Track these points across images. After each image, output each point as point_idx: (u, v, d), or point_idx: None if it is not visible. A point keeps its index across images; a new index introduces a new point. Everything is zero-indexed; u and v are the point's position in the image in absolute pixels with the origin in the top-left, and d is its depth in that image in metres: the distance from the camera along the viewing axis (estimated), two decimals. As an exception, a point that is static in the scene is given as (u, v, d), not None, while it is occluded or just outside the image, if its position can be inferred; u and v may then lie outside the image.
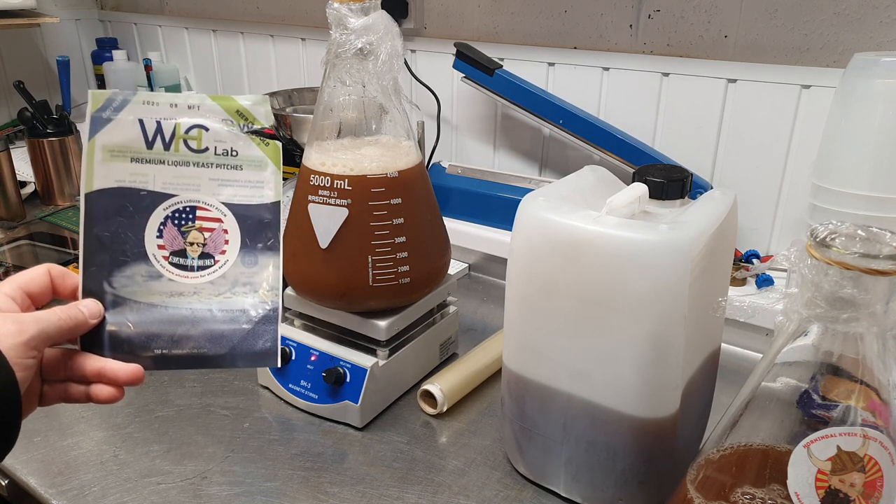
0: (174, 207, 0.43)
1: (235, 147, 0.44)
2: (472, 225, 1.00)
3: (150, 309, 0.42)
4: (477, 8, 1.06)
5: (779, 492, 0.37)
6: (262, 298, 0.43)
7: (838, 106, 0.70)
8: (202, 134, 0.43)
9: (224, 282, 0.43)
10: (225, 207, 0.43)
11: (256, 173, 0.44)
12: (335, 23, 0.61)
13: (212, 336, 0.42)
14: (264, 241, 0.44)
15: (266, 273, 0.43)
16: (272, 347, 0.42)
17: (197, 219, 0.43)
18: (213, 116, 0.43)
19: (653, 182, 0.54)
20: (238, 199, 0.44)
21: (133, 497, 0.58)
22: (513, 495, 0.59)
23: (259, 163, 0.44)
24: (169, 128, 0.43)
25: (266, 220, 0.44)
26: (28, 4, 1.34)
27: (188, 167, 0.43)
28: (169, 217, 0.43)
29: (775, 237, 0.88)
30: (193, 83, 1.51)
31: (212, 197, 0.43)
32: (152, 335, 0.42)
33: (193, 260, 0.43)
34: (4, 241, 1.10)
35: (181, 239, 0.43)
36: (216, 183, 0.44)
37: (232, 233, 0.43)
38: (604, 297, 0.49)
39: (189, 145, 0.43)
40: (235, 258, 0.43)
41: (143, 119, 0.43)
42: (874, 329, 0.35)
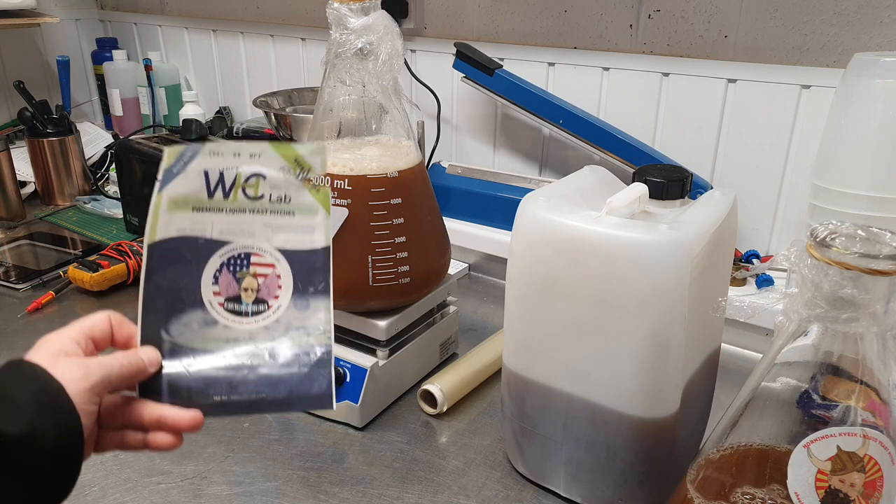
0: (230, 254, 0.44)
1: (289, 193, 0.44)
2: (472, 225, 1.00)
3: (207, 355, 0.42)
4: (477, 8, 1.06)
5: (779, 492, 0.37)
6: (316, 342, 0.43)
7: (838, 106, 0.70)
8: (259, 181, 0.44)
9: (278, 326, 0.43)
10: (278, 253, 0.44)
11: (308, 218, 0.45)
12: (335, 23, 0.61)
13: (269, 381, 0.42)
14: (315, 286, 0.44)
15: (318, 316, 0.44)
16: (327, 390, 0.42)
17: (251, 265, 0.44)
18: (272, 164, 0.44)
19: (653, 182, 0.54)
20: (291, 245, 0.44)
21: (133, 497, 0.58)
22: (513, 495, 0.59)
23: (311, 208, 0.45)
24: (230, 177, 0.44)
25: (317, 265, 0.44)
26: (28, 4, 1.34)
27: (244, 214, 0.44)
28: (224, 264, 0.44)
29: (775, 237, 0.88)
30: (193, 83, 1.51)
31: (266, 243, 0.44)
32: (210, 381, 0.42)
33: (248, 305, 0.43)
34: (4, 241, 1.10)
35: (236, 285, 0.44)
36: (270, 229, 0.44)
37: (285, 278, 0.44)
38: (604, 297, 0.49)
39: (246, 192, 0.44)
40: (288, 303, 0.44)
41: (209, 170, 0.43)
42: (874, 329, 0.36)
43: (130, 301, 0.93)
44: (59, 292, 0.92)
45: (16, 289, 0.94)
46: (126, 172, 1.10)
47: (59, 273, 0.97)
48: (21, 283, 0.94)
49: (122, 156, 1.10)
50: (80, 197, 1.25)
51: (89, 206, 1.22)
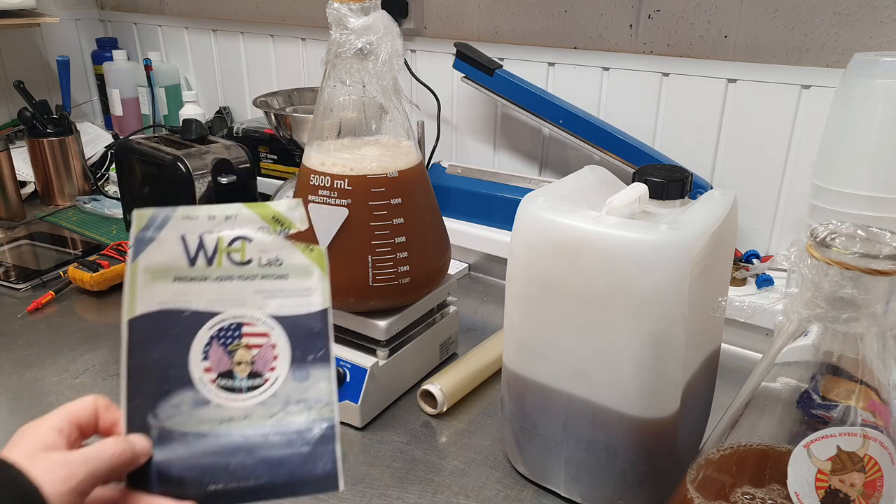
0: (219, 326, 0.40)
1: (280, 256, 0.42)
2: (472, 225, 1.00)
3: (200, 439, 0.39)
4: (477, 8, 1.06)
5: (779, 492, 0.37)
6: (318, 416, 0.40)
7: (838, 106, 0.70)
8: (245, 245, 0.41)
9: (276, 401, 0.40)
10: (272, 320, 0.41)
11: (303, 281, 0.41)
12: (335, 23, 0.61)
13: (269, 463, 0.39)
14: (315, 353, 0.41)
15: (320, 387, 0.40)
16: (332, 470, 0.39)
17: (243, 335, 0.40)
18: (251, 225, 0.42)
19: (653, 182, 0.54)
20: (285, 311, 0.41)
21: (133, 497, 0.58)
22: (513, 495, 0.59)
23: (305, 270, 0.42)
24: (211, 242, 0.41)
25: (316, 330, 0.41)
26: (28, 4, 1.34)
27: (232, 281, 0.41)
28: (214, 337, 0.40)
29: (775, 237, 0.88)
30: (193, 83, 1.51)
31: (258, 310, 0.41)
32: (205, 468, 0.39)
33: (242, 381, 0.40)
34: (4, 241, 1.10)
35: (228, 359, 0.40)
36: (262, 295, 0.41)
37: (281, 347, 0.41)
38: (604, 297, 0.49)
39: (232, 258, 0.41)
40: (286, 374, 0.40)
41: (186, 235, 0.41)
42: (874, 329, 0.36)
43: (130, 301, 0.93)
44: (59, 292, 0.92)
45: (16, 289, 0.94)
46: (126, 172, 1.10)
47: (59, 273, 0.97)
48: (21, 283, 0.94)
49: (122, 156, 1.10)
50: (80, 197, 1.25)
51: (89, 206, 1.22)
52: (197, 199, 1.02)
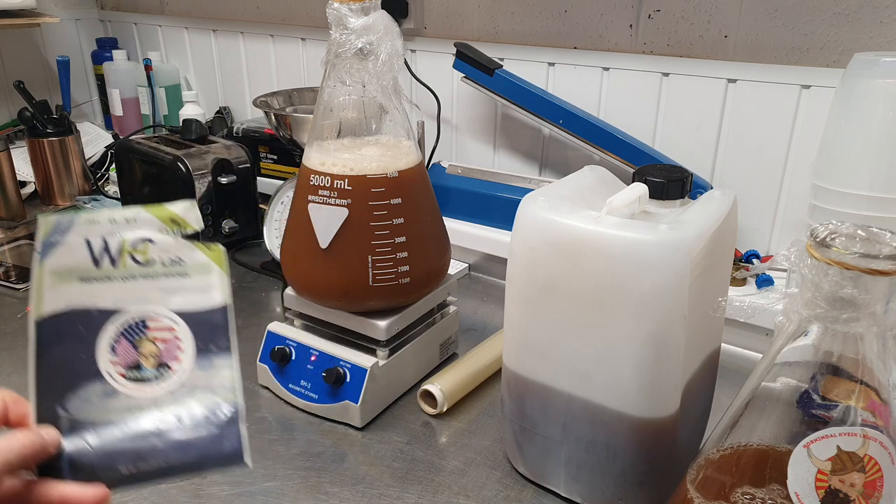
0: (125, 322, 0.43)
1: (181, 255, 0.44)
2: (472, 225, 1.00)
3: (110, 428, 0.41)
4: (477, 8, 1.06)
5: (779, 492, 0.37)
6: (224, 400, 0.43)
7: (838, 106, 0.70)
8: (148, 246, 0.44)
9: (183, 389, 0.43)
10: (176, 316, 0.44)
11: (203, 278, 0.45)
12: (335, 23, 0.61)
13: (178, 446, 0.42)
14: (218, 344, 0.44)
15: (223, 374, 0.43)
16: (238, 448, 0.42)
17: (149, 330, 0.43)
18: (151, 227, 0.44)
19: (653, 182, 0.54)
20: (188, 307, 0.44)
21: (133, 497, 0.58)
22: (513, 495, 0.59)
23: (205, 268, 0.45)
24: (115, 244, 0.43)
25: (217, 323, 0.44)
26: (28, 4, 1.34)
27: (136, 280, 0.44)
28: (121, 333, 0.43)
29: (775, 237, 0.88)
30: (193, 83, 1.51)
31: (162, 307, 0.44)
32: (115, 454, 0.41)
33: (149, 371, 0.43)
34: (4, 241, 1.10)
35: (135, 352, 0.43)
36: (164, 293, 0.44)
37: (185, 340, 0.43)
38: (604, 297, 0.49)
39: (136, 259, 0.44)
40: (192, 365, 0.43)
41: (90, 238, 0.43)
42: (874, 329, 0.35)
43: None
44: (59, 292, 0.92)
45: (16, 289, 0.94)
46: (126, 172, 1.10)
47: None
48: (21, 283, 0.95)
49: (122, 156, 1.10)
50: (80, 197, 1.25)
51: (89, 206, 1.22)
52: (197, 199, 1.02)
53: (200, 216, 0.45)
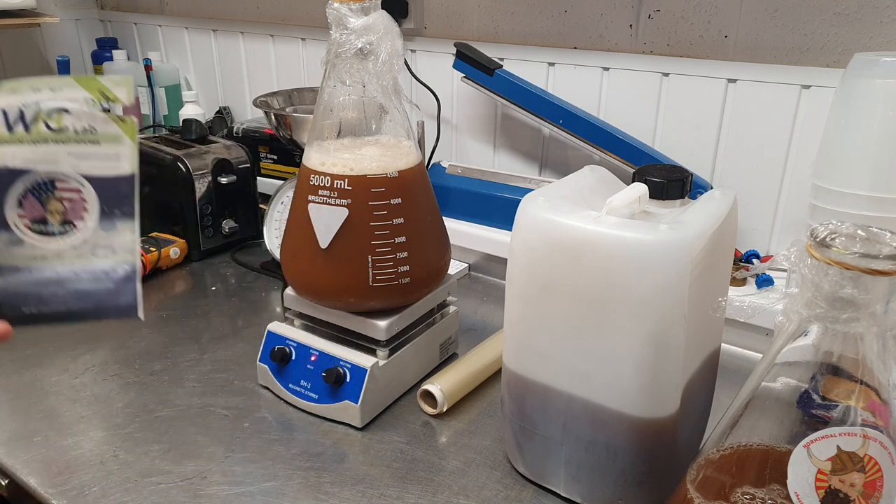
0: (34, 180, 0.47)
1: (94, 125, 0.48)
2: (472, 225, 1.00)
3: (14, 272, 0.46)
4: (477, 8, 1.06)
5: (779, 492, 0.37)
6: (123, 259, 0.47)
7: (838, 106, 0.70)
8: (62, 115, 0.47)
9: (85, 245, 0.47)
10: (84, 179, 0.47)
11: (114, 147, 0.48)
12: (335, 23, 0.61)
13: (77, 294, 0.46)
14: (122, 209, 0.48)
15: (125, 237, 0.48)
16: (133, 302, 0.47)
17: (57, 189, 0.47)
18: (75, 97, 0.47)
19: (653, 182, 0.54)
20: (96, 172, 0.48)
21: (133, 497, 0.58)
22: (513, 495, 0.59)
23: (116, 138, 0.48)
24: (30, 112, 0.47)
25: (123, 190, 0.48)
26: (28, 4, 1.34)
27: (47, 144, 0.47)
28: (29, 189, 0.47)
29: (775, 237, 0.88)
30: (193, 83, 1.51)
31: (71, 170, 0.47)
32: (19, 295, 0.46)
33: (55, 227, 0.47)
34: (4, 240, 1.10)
35: (41, 208, 0.47)
36: (75, 157, 0.47)
37: (91, 202, 0.47)
38: (604, 298, 0.49)
39: (49, 125, 0.47)
40: (95, 224, 0.47)
41: (6, 108, 0.47)
42: (874, 329, 0.35)
43: (130, 301, 0.93)
44: (59, 292, 0.92)
45: (16, 289, 0.94)
46: (126, 172, 1.10)
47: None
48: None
49: (122, 156, 1.10)
50: None
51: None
52: (197, 199, 1.02)
53: (132, 90, 0.48)
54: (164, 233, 1.05)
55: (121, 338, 0.83)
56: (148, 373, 0.76)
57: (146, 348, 0.81)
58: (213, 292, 0.96)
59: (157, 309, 0.91)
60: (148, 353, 0.80)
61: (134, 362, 0.78)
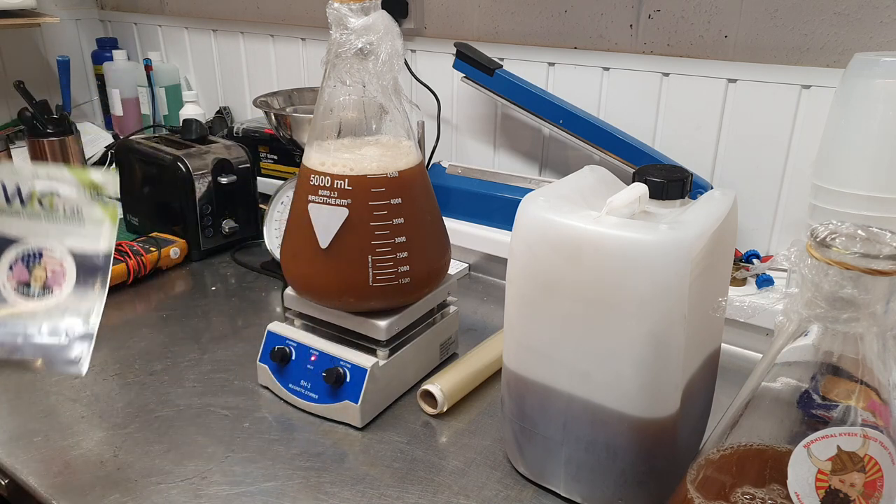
0: (25, 250, 0.55)
1: (80, 207, 0.56)
2: (472, 225, 1.00)
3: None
4: (477, 8, 1.06)
5: (779, 492, 0.37)
6: (83, 322, 0.55)
7: (838, 106, 0.70)
8: (54, 198, 0.56)
9: (57, 309, 0.55)
10: (67, 253, 0.56)
11: (96, 228, 0.56)
12: (335, 23, 0.61)
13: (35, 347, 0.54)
14: (94, 280, 0.55)
15: (91, 306, 0.55)
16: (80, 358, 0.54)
17: (43, 258, 0.55)
18: (67, 185, 0.56)
19: (653, 182, 0.54)
20: (78, 248, 0.56)
21: (133, 497, 0.58)
22: (513, 495, 0.59)
23: (99, 220, 0.56)
24: (27, 190, 0.56)
25: (98, 265, 0.56)
26: (28, 4, 1.34)
27: (40, 220, 0.56)
28: (20, 256, 0.55)
29: (775, 237, 0.88)
30: (193, 83, 1.51)
31: (57, 244, 0.56)
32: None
33: (35, 290, 0.55)
34: (4, 240, 1.10)
35: (27, 274, 0.55)
36: (62, 234, 0.56)
37: (69, 272, 0.55)
38: (604, 297, 0.49)
39: (42, 204, 0.56)
40: (70, 291, 0.55)
41: (6, 183, 0.56)
42: (874, 329, 0.35)
43: (130, 301, 0.93)
44: (59, 292, 0.92)
45: (16, 289, 0.94)
46: (126, 172, 1.10)
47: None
48: (21, 283, 0.94)
49: (122, 156, 1.10)
50: None
51: (89, 206, 1.22)
52: (197, 199, 1.02)
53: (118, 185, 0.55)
54: (164, 233, 1.05)
55: (121, 338, 0.83)
56: (148, 373, 0.76)
57: (146, 348, 0.81)
58: (213, 292, 0.96)
59: (157, 309, 0.91)
60: (148, 353, 0.80)
61: (134, 362, 0.78)
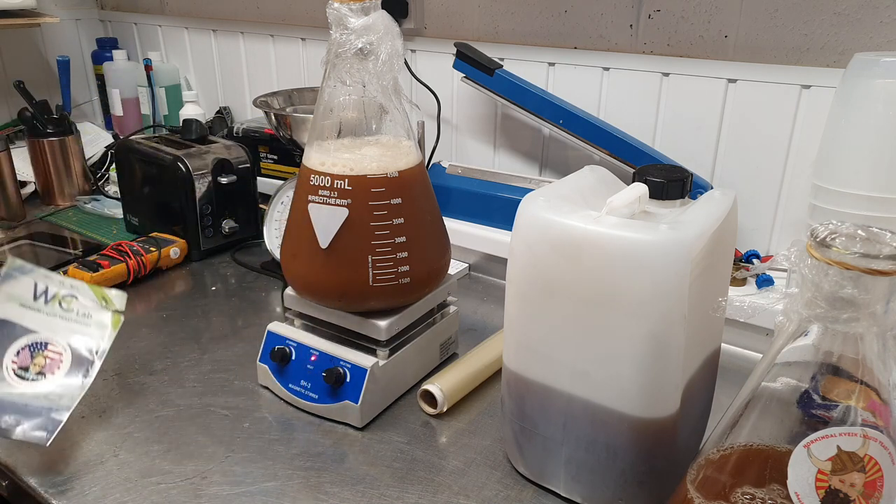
0: (34, 340, 0.64)
1: (92, 313, 0.67)
2: (472, 225, 1.00)
3: None
4: (477, 8, 1.06)
5: (779, 492, 0.37)
6: (65, 402, 0.61)
7: (838, 106, 0.70)
8: (73, 301, 0.67)
9: (45, 389, 0.62)
10: (69, 347, 0.64)
11: (99, 330, 0.66)
12: (335, 23, 0.61)
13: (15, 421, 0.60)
14: (84, 373, 0.64)
15: (74, 391, 0.62)
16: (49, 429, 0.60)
17: (46, 349, 0.63)
18: (85, 294, 0.67)
19: (653, 182, 0.54)
20: (79, 344, 0.65)
21: (133, 497, 0.58)
22: (513, 495, 0.59)
23: (104, 324, 0.66)
24: (52, 292, 0.66)
25: (91, 361, 0.64)
26: (28, 4, 1.34)
27: (55, 318, 0.65)
28: (28, 344, 0.63)
29: (775, 237, 0.88)
30: (193, 83, 1.51)
31: (63, 339, 0.64)
32: None
33: (31, 374, 0.62)
34: (4, 240, 1.10)
35: (30, 360, 0.63)
36: (69, 331, 0.65)
37: (65, 363, 0.63)
38: (604, 297, 0.49)
39: (61, 305, 0.66)
40: (62, 378, 0.63)
41: (38, 283, 0.66)
42: (874, 329, 0.35)
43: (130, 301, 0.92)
44: (59, 292, 0.92)
45: (16, 289, 0.94)
46: (126, 172, 1.10)
47: (59, 273, 0.97)
48: (21, 283, 0.94)
49: (122, 156, 1.10)
50: (80, 197, 1.25)
51: (89, 207, 1.22)
52: (197, 199, 1.02)
53: (125, 302, 0.69)
54: (164, 233, 1.05)
55: (121, 338, 0.83)
56: (148, 373, 0.76)
57: (146, 348, 0.81)
58: (213, 292, 0.96)
59: (157, 309, 0.91)
60: (148, 353, 0.80)
61: (134, 362, 0.78)
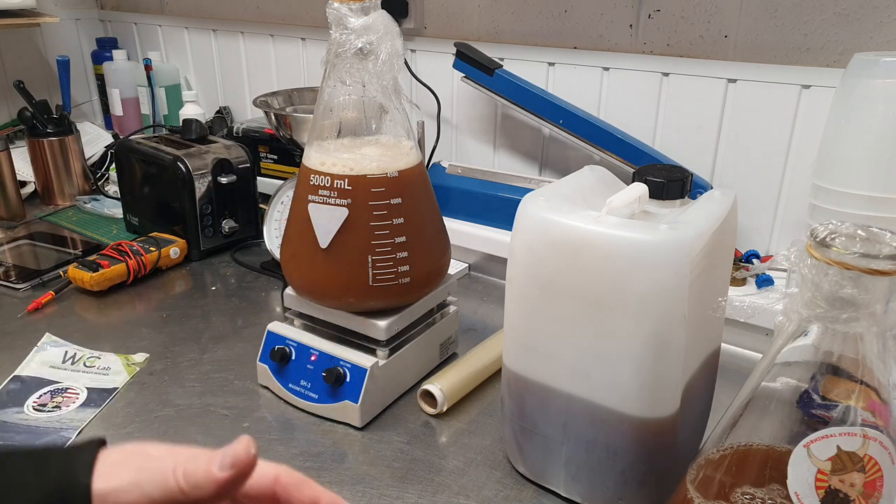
0: (57, 387, 0.73)
1: (111, 365, 0.77)
2: (472, 225, 1.00)
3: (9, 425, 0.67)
4: (477, 8, 1.06)
5: (779, 492, 0.37)
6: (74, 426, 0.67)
7: (838, 106, 0.70)
8: (96, 360, 0.78)
9: (58, 419, 0.68)
10: (85, 390, 0.72)
11: (115, 378, 0.75)
12: (335, 22, 0.61)
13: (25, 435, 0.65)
14: (94, 406, 0.70)
15: (83, 420, 0.68)
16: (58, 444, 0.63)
17: (66, 393, 0.72)
18: (109, 358, 0.78)
19: (653, 182, 0.54)
20: (94, 385, 0.73)
21: (133, 497, 0.58)
22: (513, 495, 0.59)
23: (119, 373, 0.75)
24: (80, 357, 0.78)
25: (104, 398, 0.71)
26: (28, 4, 1.34)
27: (78, 372, 0.75)
28: (51, 391, 0.72)
29: (775, 237, 0.88)
30: (193, 83, 1.51)
31: (82, 385, 0.73)
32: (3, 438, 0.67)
33: (48, 409, 0.70)
34: (4, 241, 1.10)
35: (50, 399, 0.71)
36: (89, 378, 0.74)
37: (81, 399, 0.71)
38: (604, 298, 0.49)
39: (85, 364, 0.77)
40: (75, 410, 0.69)
41: (67, 350, 0.79)
42: (874, 329, 0.35)
43: (130, 301, 0.93)
44: (58, 292, 0.92)
45: (16, 289, 0.94)
46: (126, 172, 1.10)
47: (59, 273, 0.97)
48: (21, 283, 0.94)
49: (122, 156, 1.10)
50: (80, 197, 1.25)
51: (89, 206, 1.22)
52: (197, 198, 1.02)
53: (145, 359, 0.78)
54: (164, 233, 1.05)
55: (121, 338, 0.83)
56: (148, 373, 0.76)
57: (146, 348, 0.81)
58: (213, 292, 0.96)
59: (157, 309, 0.91)
60: (148, 353, 0.80)
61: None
